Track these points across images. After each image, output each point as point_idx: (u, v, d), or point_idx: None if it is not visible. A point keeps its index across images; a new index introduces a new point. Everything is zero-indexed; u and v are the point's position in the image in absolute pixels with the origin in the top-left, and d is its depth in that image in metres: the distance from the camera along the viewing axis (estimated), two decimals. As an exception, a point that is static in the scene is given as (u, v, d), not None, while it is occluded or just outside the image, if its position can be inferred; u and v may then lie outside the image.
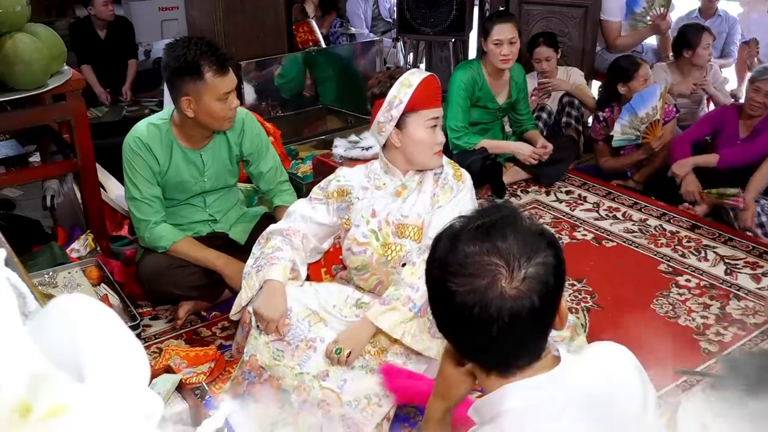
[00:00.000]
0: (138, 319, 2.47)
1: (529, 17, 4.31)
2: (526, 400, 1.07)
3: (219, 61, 2.31)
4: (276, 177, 2.65)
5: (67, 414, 0.65)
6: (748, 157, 3.32)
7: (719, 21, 4.84)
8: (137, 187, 2.46)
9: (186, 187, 2.54)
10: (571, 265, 2.88)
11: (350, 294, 2.16)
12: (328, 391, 1.92)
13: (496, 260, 1.02)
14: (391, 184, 2.16)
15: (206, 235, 2.64)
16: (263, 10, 3.79)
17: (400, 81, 2.05)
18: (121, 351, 0.76)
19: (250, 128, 2.59)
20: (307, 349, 1.98)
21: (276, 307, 1.99)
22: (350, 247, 2.14)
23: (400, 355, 2.01)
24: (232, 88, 2.38)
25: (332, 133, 4.02)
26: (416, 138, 2.06)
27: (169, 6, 5.67)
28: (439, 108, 2.09)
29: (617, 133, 3.66)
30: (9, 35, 2.45)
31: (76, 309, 0.75)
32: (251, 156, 2.60)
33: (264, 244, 2.13)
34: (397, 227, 2.11)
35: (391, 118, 2.05)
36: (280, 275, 2.04)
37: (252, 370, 2.05)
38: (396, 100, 2.03)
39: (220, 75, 2.31)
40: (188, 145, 2.49)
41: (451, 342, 1.16)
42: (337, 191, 2.18)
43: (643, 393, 1.13)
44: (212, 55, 2.30)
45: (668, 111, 3.70)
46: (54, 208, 3.15)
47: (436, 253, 1.09)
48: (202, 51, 2.29)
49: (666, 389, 2.19)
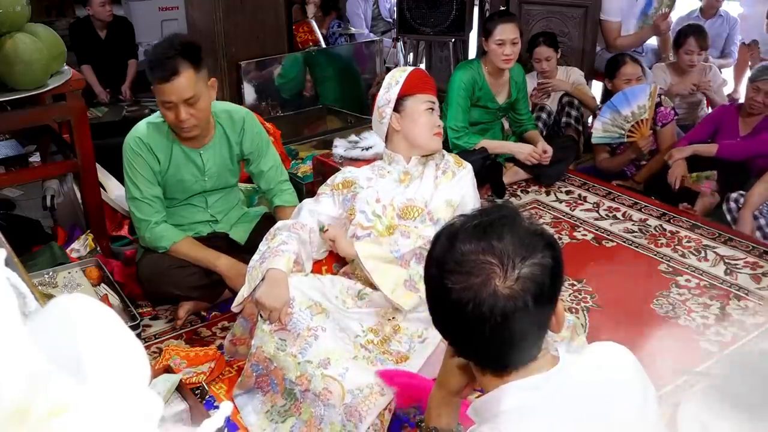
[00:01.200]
0: (138, 319, 2.47)
1: (529, 17, 4.31)
2: (524, 401, 1.07)
3: (162, 69, 2.24)
4: (276, 176, 2.64)
5: (67, 414, 0.65)
6: (747, 151, 3.33)
7: (720, 21, 4.85)
8: (138, 187, 2.46)
9: (186, 186, 2.54)
10: (571, 265, 2.91)
11: (352, 286, 2.17)
12: (329, 379, 1.92)
13: (491, 259, 1.02)
14: (395, 171, 2.27)
15: (207, 235, 2.64)
16: (263, 10, 3.79)
17: (393, 71, 2.25)
18: (121, 351, 0.76)
19: (251, 127, 2.58)
20: (309, 337, 1.99)
21: (278, 296, 2.00)
22: (355, 233, 2.18)
23: (403, 343, 2.03)
24: (178, 99, 2.27)
25: (332, 133, 4.02)
26: (416, 119, 2.20)
27: (169, 6, 5.67)
28: (434, 96, 2.24)
29: (597, 130, 3.67)
30: (9, 35, 2.46)
31: (76, 309, 0.75)
32: (252, 155, 2.60)
33: (271, 240, 2.16)
34: (402, 210, 2.16)
35: (388, 101, 2.19)
36: (283, 265, 2.05)
37: (259, 362, 2.07)
38: (393, 81, 2.21)
39: (161, 82, 2.26)
40: (188, 144, 2.49)
41: (448, 340, 1.16)
42: (342, 182, 2.27)
43: (643, 393, 1.13)
44: (160, 60, 2.25)
45: (666, 113, 3.69)
46: (54, 208, 3.15)
47: (434, 251, 1.10)
48: (156, 54, 2.27)
49: (666, 389, 2.19)
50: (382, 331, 2.05)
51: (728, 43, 4.93)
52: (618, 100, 3.59)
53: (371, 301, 2.14)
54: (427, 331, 2.06)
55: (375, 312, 2.12)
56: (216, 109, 2.53)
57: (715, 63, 4.46)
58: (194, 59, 2.29)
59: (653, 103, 3.56)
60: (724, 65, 4.85)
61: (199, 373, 2.29)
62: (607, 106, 3.63)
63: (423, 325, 2.07)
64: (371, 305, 2.14)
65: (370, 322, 2.10)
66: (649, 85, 3.61)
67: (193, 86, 2.28)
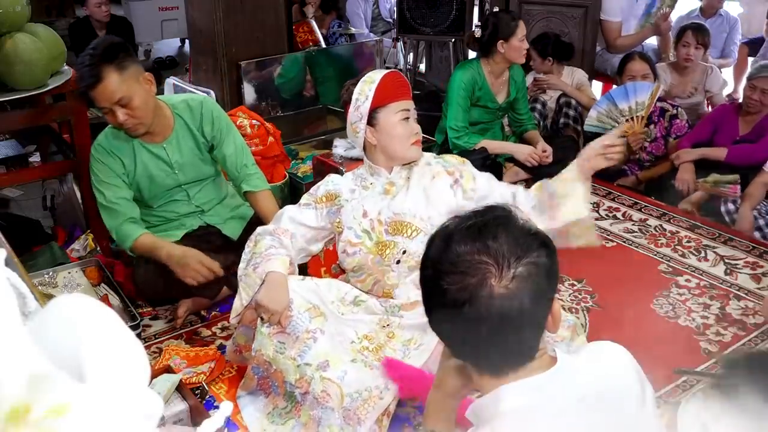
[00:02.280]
0: (138, 319, 2.47)
1: (529, 17, 4.30)
2: (524, 402, 1.07)
3: (86, 76, 2.26)
4: (240, 159, 2.61)
5: (67, 414, 0.65)
6: (756, 157, 3.30)
7: (720, 21, 4.85)
8: (102, 192, 2.48)
9: (159, 182, 2.55)
10: (571, 265, 2.91)
11: (348, 291, 2.16)
12: (328, 381, 1.92)
13: (486, 259, 1.03)
14: (378, 183, 2.18)
15: (198, 229, 2.65)
16: (263, 10, 3.79)
17: (362, 80, 2.11)
18: (121, 351, 0.76)
19: (208, 111, 2.57)
20: (308, 339, 1.99)
21: (279, 299, 1.99)
22: (345, 249, 2.15)
23: (397, 351, 2.02)
24: (109, 103, 2.29)
25: (332, 133, 4.02)
26: (390, 131, 2.09)
27: (169, 6, 5.68)
28: (408, 100, 2.13)
29: (591, 118, 3.65)
30: (9, 35, 2.46)
31: (76, 309, 0.75)
32: (214, 139, 2.58)
33: (254, 246, 2.11)
34: (391, 225, 2.12)
35: (360, 117, 2.09)
36: (281, 267, 2.03)
37: (259, 365, 2.07)
38: (362, 96, 2.09)
39: (89, 90, 2.28)
40: (148, 140, 2.49)
41: (445, 342, 1.16)
42: (325, 196, 2.19)
43: (641, 392, 1.13)
44: (83, 68, 2.26)
45: (681, 126, 3.69)
46: (54, 208, 3.16)
47: (429, 252, 1.10)
48: (82, 62, 2.27)
49: (666, 389, 2.19)
50: (376, 338, 2.04)
51: (728, 43, 4.93)
52: (617, 93, 3.58)
53: (367, 308, 2.13)
54: (422, 337, 2.03)
55: (369, 319, 2.11)
56: (174, 101, 2.56)
57: (715, 63, 4.46)
58: (117, 61, 2.27)
59: (653, 101, 3.55)
60: (724, 65, 4.85)
61: (199, 373, 2.29)
62: (605, 97, 3.62)
63: (418, 332, 2.05)
64: (366, 312, 2.13)
65: (365, 329, 2.08)
66: (651, 84, 3.60)
67: (120, 88, 2.28)
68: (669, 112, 3.71)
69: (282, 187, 3.34)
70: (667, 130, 3.70)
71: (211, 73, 3.82)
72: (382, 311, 2.11)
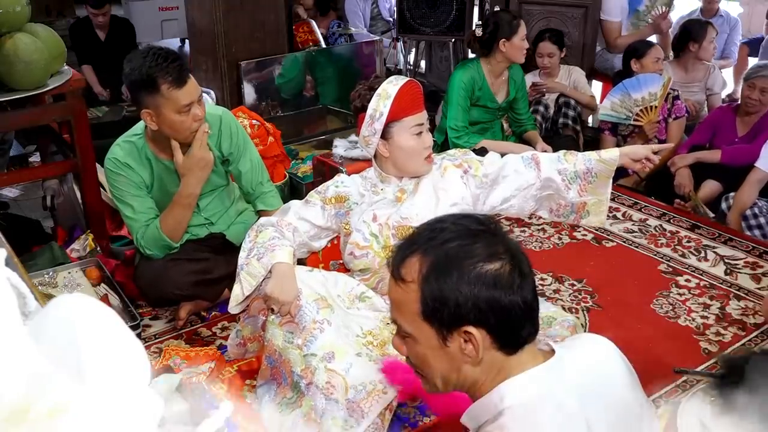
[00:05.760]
0: (138, 319, 2.47)
1: (529, 17, 4.31)
2: (527, 393, 1.09)
3: (175, 73, 2.23)
4: (256, 177, 2.61)
5: (67, 414, 0.65)
6: (750, 156, 3.30)
7: (720, 21, 4.85)
8: (129, 205, 2.45)
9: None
10: (571, 265, 2.91)
11: (354, 287, 2.16)
12: (333, 373, 1.91)
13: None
14: (390, 190, 2.18)
15: (204, 237, 2.63)
16: (263, 10, 3.79)
17: (378, 93, 2.07)
18: (121, 351, 0.76)
19: (227, 126, 2.55)
20: (314, 330, 1.98)
21: (289, 290, 1.98)
22: (352, 252, 2.14)
23: None
24: (193, 99, 2.29)
25: (332, 133, 4.02)
26: (403, 146, 2.09)
27: (169, 6, 5.68)
28: (422, 113, 2.11)
29: (605, 108, 3.71)
30: (9, 35, 2.45)
31: (76, 309, 0.75)
32: (231, 155, 2.57)
33: (255, 237, 2.09)
34: (398, 229, 2.12)
35: (374, 132, 2.08)
36: (287, 258, 2.02)
37: (271, 355, 2.06)
38: (376, 113, 2.06)
39: (177, 87, 2.24)
40: (166, 157, 2.45)
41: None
42: (335, 197, 2.18)
43: (631, 378, 1.20)
44: (168, 66, 2.23)
45: (680, 107, 3.76)
46: (54, 208, 3.15)
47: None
48: (157, 63, 2.23)
49: (666, 389, 2.19)
50: (380, 335, 2.04)
51: (728, 43, 4.93)
52: (630, 84, 3.63)
53: (371, 305, 2.13)
54: None
55: (374, 316, 2.11)
56: None
57: (716, 64, 4.47)
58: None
59: (665, 92, 3.60)
60: (724, 65, 4.86)
61: (199, 373, 2.29)
62: (618, 88, 3.67)
63: None
64: (370, 309, 2.13)
65: (369, 325, 2.08)
66: (664, 76, 3.65)
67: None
68: (671, 94, 3.77)
69: (282, 187, 3.34)
70: (669, 111, 3.75)
71: (211, 73, 3.82)
72: (386, 309, 2.12)
